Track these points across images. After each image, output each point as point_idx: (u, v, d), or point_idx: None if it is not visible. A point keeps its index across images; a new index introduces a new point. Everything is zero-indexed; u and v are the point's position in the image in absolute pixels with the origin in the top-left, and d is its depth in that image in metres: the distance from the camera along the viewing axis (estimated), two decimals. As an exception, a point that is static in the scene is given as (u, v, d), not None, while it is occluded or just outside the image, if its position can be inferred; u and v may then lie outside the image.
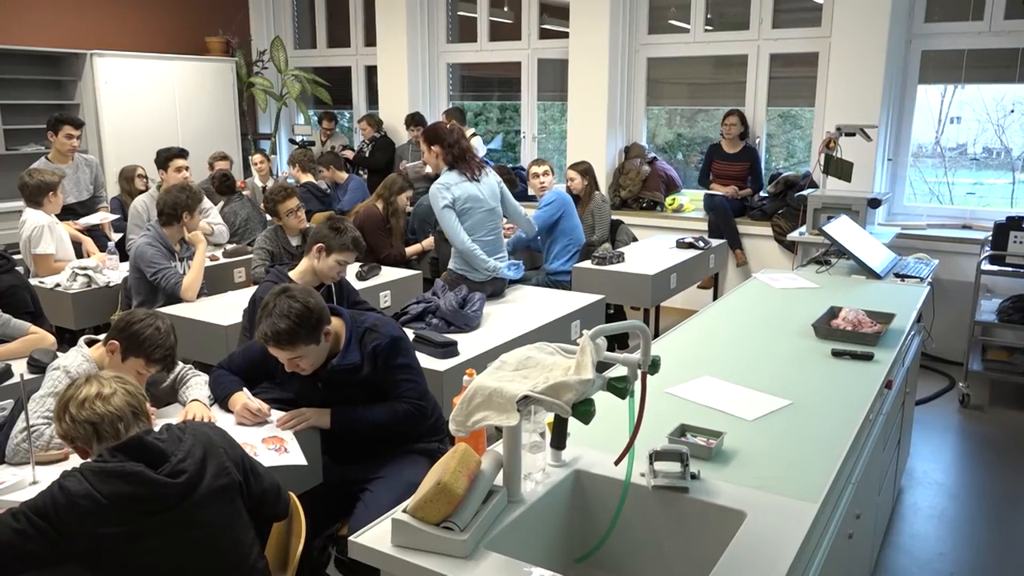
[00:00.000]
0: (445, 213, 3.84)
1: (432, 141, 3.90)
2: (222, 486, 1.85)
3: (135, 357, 2.42)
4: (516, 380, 1.59)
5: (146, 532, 1.73)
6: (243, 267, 4.74)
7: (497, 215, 4.06)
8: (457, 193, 3.85)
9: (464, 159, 3.91)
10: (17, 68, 6.81)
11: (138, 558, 1.74)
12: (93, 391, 1.82)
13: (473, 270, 3.93)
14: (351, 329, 2.53)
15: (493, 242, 4.02)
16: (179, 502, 1.76)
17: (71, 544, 1.68)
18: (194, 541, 1.79)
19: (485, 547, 1.54)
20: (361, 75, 8.56)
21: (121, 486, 1.70)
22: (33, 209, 4.46)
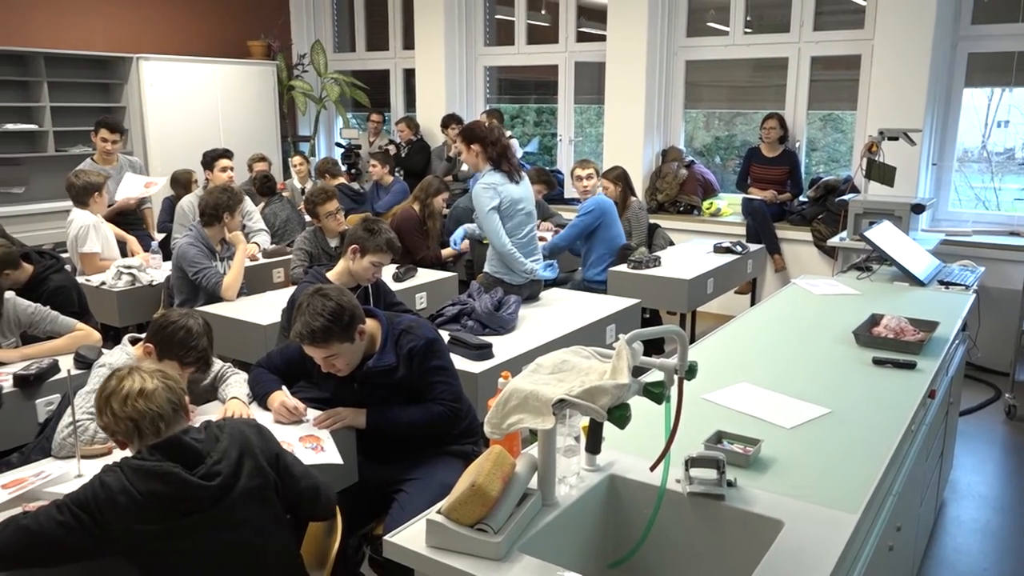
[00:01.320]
0: (491, 215, 3.83)
1: (471, 140, 3.87)
2: (257, 486, 1.86)
3: (169, 359, 2.46)
4: (552, 383, 1.59)
5: (181, 531, 1.76)
6: (282, 267, 4.80)
7: (534, 218, 4.07)
8: (503, 194, 3.85)
9: (506, 157, 3.90)
10: (67, 71, 7.00)
11: (175, 555, 1.77)
12: (136, 387, 1.84)
13: (510, 272, 3.93)
14: (387, 330, 2.55)
15: (529, 244, 4.02)
16: (213, 504, 1.78)
17: (110, 538, 1.72)
18: (229, 541, 1.81)
19: (519, 550, 1.54)
20: (399, 78, 8.63)
21: (157, 486, 1.73)
22: (80, 209, 4.57)
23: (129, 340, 2.64)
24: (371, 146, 8.04)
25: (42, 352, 3.05)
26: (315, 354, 2.42)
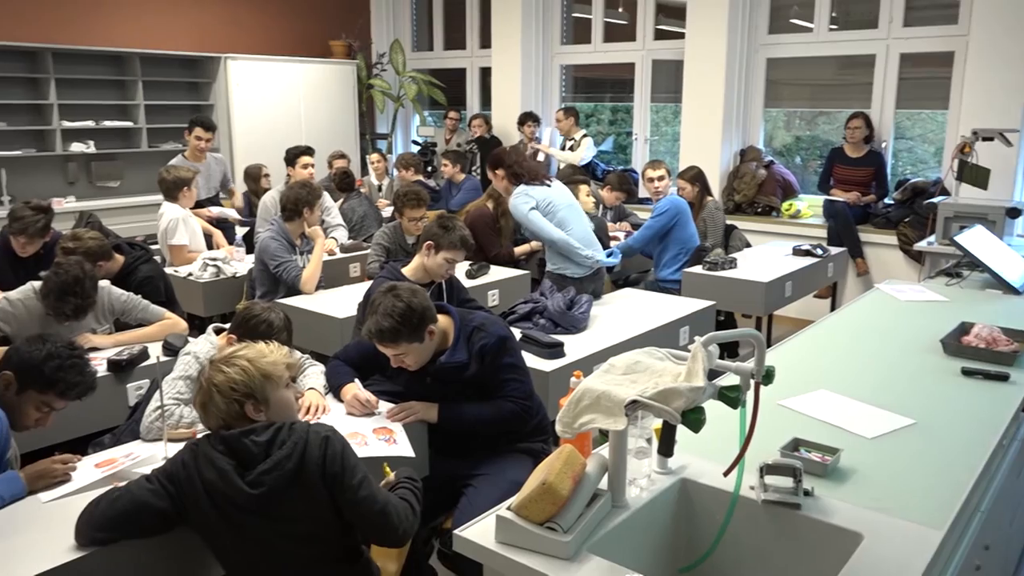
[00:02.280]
0: (532, 215, 3.89)
1: (496, 166, 4.03)
2: (306, 501, 1.84)
3: None
4: (624, 384, 1.58)
5: (231, 523, 1.82)
6: (358, 262, 4.90)
7: (578, 211, 4.10)
8: (537, 195, 3.93)
9: (528, 174, 4.00)
10: (160, 71, 7.30)
11: (229, 541, 1.86)
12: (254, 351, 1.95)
13: (571, 265, 3.95)
14: (459, 327, 2.57)
15: (586, 236, 4.04)
16: (255, 510, 1.81)
17: (186, 511, 1.82)
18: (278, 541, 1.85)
19: (588, 550, 1.54)
20: (475, 77, 8.70)
21: (214, 477, 1.81)
22: (169, 203, 4.76)
23: (214, 330, 2.74)
24: (448, 144, 8.13)
25: (133, 339, 3.20)
26: (385, 351, 2.47)
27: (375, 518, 1.86)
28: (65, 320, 3.04)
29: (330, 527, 1.89)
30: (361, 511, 1.86)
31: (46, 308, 3.03)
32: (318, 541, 1.90)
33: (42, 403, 2.17)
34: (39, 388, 2.15)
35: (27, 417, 2.17)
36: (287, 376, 1.99)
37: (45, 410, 2.19)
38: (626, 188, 5.99)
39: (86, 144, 6.84)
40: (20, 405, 2.15)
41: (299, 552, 1.88)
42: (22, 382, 2.14)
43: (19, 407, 2.15)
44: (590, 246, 4.01)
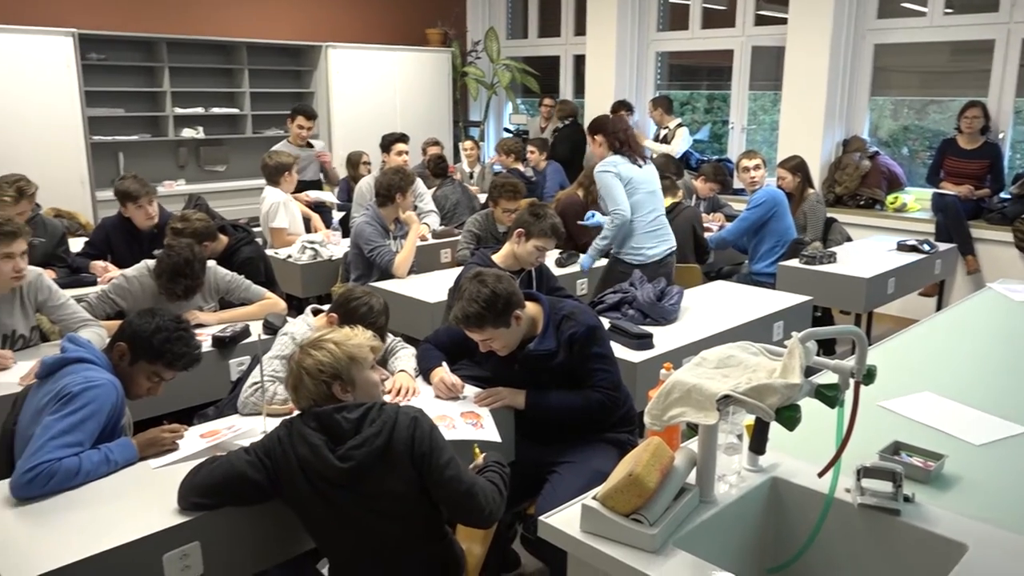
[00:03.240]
0: (614, 182, 3.95)
1: (595, 131, 4.08)
2: (394, 479, 1.89)
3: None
4: (716, 378, 1.55)
5: (322, 497, 1.88)
6: (450, 248, 4.97)
7: (658, 201, 4.10)
8: (623, 170, 3.98)
9: (629, 145, 4.04)
10: (264, 60, 7.57)
11: (322, 517, 1.91)
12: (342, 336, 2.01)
13: (633, 252, 3.98)
14: (548, 315, 2.57)
15: (653, 224, 4.04)
16: (345, 484, 1.87)
17: (280, 485, 1.89)
18: (370, 515, 1.90)
19: (673, 544, 1.52)
20: (569, 64, 8.65)
21: (306, 452, 1.87)
22: (271, 187, 4.94)
23: (311, 311, 2.83)
24: (543, 131, 8.12)
25: (235, 317, 3.34)
26: (472, 336, 2.50)
27: (461, 498, 1.90)
28: (176, 299, 3.20)
29: (417, 506, 1.94)
30: (448, 491, 1.90)
31: (159, 287, 3.20)
32: (405, 519, 1.94)
33: (152, 373, 2.30)
34: (149, 359, 2.27)
35: (139, 386, 2.30)
36: (372, 358, 2.05)
37: (155, 380, 2.32)
38: (721, 179, 5.85)
39: (196, 130, 7.17)
40: (133, 375, 2.28)
41: (386, 529, 1.93)
42: (134, 353, 2.27)
43: (132, 377, 2.28)
44: (659, 236, 4.05)
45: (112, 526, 1.82)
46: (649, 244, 4.03)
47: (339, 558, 1.98)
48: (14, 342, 2.97)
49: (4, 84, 5.75)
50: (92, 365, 2.18)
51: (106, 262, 4.02)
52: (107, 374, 2.18)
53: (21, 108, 5.83)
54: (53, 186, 5.46)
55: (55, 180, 5.68)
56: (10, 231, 2.80)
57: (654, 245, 4.05)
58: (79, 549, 1.72)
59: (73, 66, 6.04)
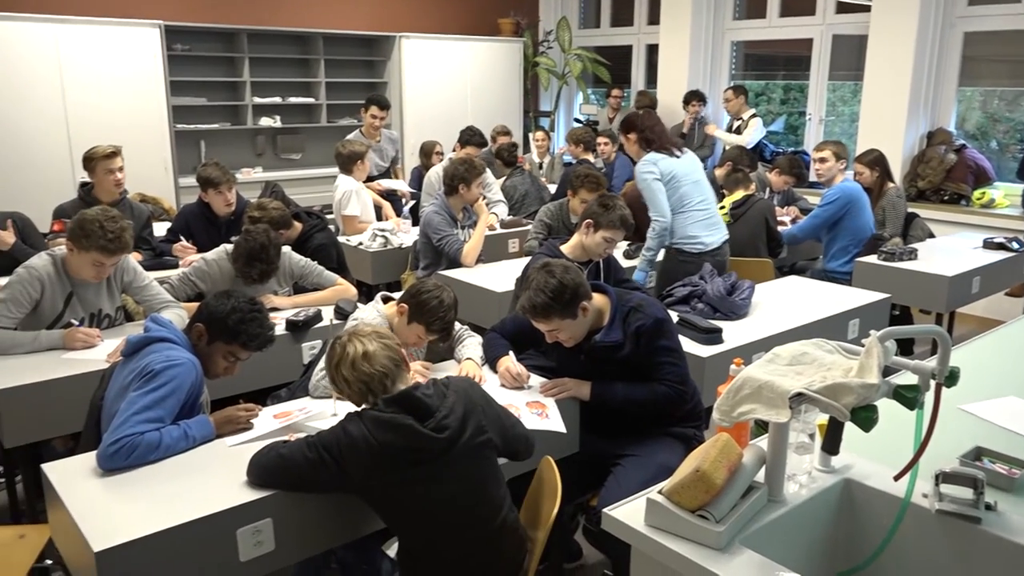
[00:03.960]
0: (654, 185, 3.91)
1: (628, 129, 4.07)
2: (479, 443, 1.98)
3: (418, 323, 2.65)
4: (789, 375, 1.52)
5: (410, 479, 1.91)
6: (517, 238, 4.98)
7: (705, 189, 4.06)
8: (663, 167, 3.93)
9: (660, 140, 4.01)
10: (340, 50, 7.70)
11: (402, 500, 1.94)
12: (359, 350, 2.01)
13: (690, 242, 3.95)
14: (616, 307, 2.56)
15: (705, 212, 4.00)
16: (440, 455, 1.92)
17: (349, 478, 1.91)
18: (452, 491, 1.94)
19: (740, 542, 1.50)
20: (642, 54, 8.54)
21: (392, 436, 1.89)
22: (344, 175, 5.04)
23: (382, 298, 2.88)
24: (611, 122, 8.05)
25: (308, 302, 3.42)
26: (539, 326, 2.50)
27: (523, 441, 2.16)
28: (252, 282, 3.30)
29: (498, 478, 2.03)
30: (517, 433, 2.15)
31: (236, 271, 3.31)
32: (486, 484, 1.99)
33: (228, 353, 2.37)
34: (225, 339, 2.35)
35: (217, 366, 2.38)
36: None
37: (231, 359, 2.39)
38: (796, 172, 5.69)
39: (273, 119, 7.36)
40: (211, 355, 2.36)
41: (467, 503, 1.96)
42: (211, 334, 2.35)
43: (210, 356, 2.36)
44: (712, 226, 4.00)
45: (190, 500, 1.89)
46: (705, 233, 3.97)
47: (413, 540, 2.01)
48: (100, 321, 3.11)
49: (95, 75, 6.01)
50: (174, 345, 2.26)
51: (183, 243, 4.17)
52: (187, 354, 2.26)
53: (111, 98, 6.08)
54: (139, 172, 5.68)
55: (141, 166, 5.92)
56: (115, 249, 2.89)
57: (710, 234, 3.99)
58: (160, 520, 1.80)
59: (159, 57, 6.27)
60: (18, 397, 2.57)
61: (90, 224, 2.85)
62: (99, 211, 2.93)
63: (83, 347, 2.88)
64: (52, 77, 5.84)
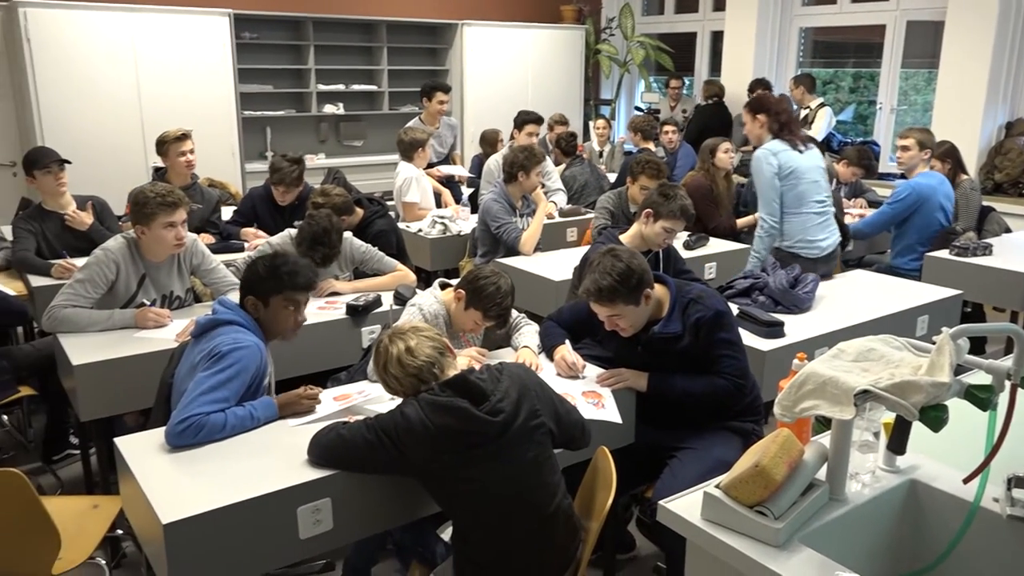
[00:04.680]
0: (766, 181, 3.73)
1: (757, 110, 3.83)
2: (533, 427, 1.99)
3: (475, 309, 2.66)
4: (854, 372, 1.48)
5: (465, 462, 1.93)
6: (576, 227, 4.96)
7: (824, 188, 3.84)
8: (783, 160, 3.72)
9: (790, 128, 3.78)
10: (403, 38, 7.77)
11: (457, 483, 1.95)
12: (402, 347, 2.03)
13: (807, 245, 3.74)
14: (675, 298, 2.53)
15: (822, 214, 3.79)
16: (496, 439, 1.93)
17: (406, 460, 1.94)
18: (505, 476, 1.95)
19: (799, 540, 1.47)
20: (706, 41, 8.39)
21: (448, 419, 1.91)
22: (405, 162, 5.08)
23: (440, 284, 2.90)
24: (672, 111, 7.94)
25: (368, 287, 3.47)
26: (600, 311, 2.48)
27: (578, 428, 2.17)
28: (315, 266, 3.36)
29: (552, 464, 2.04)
30: (572, 420, 2.16)
31: (299, 254, 3.37)
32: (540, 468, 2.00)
33: (285, 303, 2.41)
34: (274, 290, 2.39)
35: (283, 322, 2.42)
36: None
37: (291, 308, 2.42)
38: (865, 163, 5.52)
39: (336, 106, 7.47)
40: (273, 315, 2.40)
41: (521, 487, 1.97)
42: (261, 295, 2.39)
43: (274, 317, 2.40)
44: (826, 228, 3.80)
45: (254, 477, 1.95)
46: (821, 236, 3.78)
47: (467, 523, 2.03)
48: (171, 302, 3.22)
49: (168, 63, 6.19)
50: (240, 328, 2.32)
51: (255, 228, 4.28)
52: (253, 336, 2.32)
53: (182, 85, 6.26)
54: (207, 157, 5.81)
55: (210, 152, 6.06)
56: (173, 201, 3.02)
57: (826, 236, 3.80)
58: (224, 496, 1.86)
59: (228, 44, 6.42)
60: (93, 373, 2.68)
61: (140, 195, 2.99)
62: (147, 185, 3.08)
63: (154, 327, 2.98)
64: (127, 66, 6.04)
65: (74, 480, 3.38)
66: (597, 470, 2.23)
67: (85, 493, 3.08)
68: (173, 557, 1.78)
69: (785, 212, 3.78)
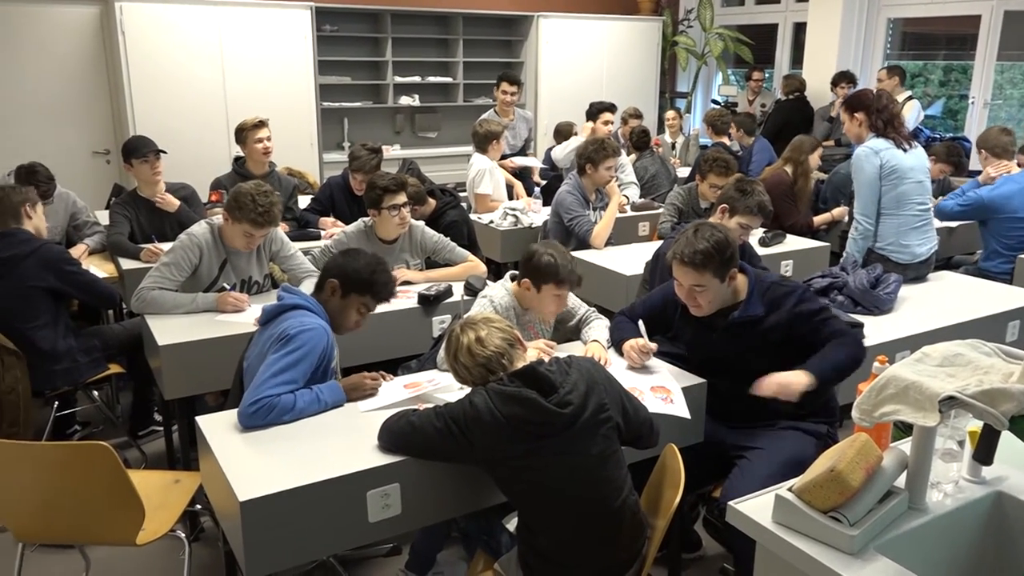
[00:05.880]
0: (866, 182, 3.57)
1: (856, 107, 3.63)
2: (601, 420, 1.98)
3: (546, 286, 2.66)
4: (940, 377, 1.43)
5: (532, 453, 1.93)
6: (647, 222, 4.90)
7: (928, 190, 3.67)
8: (886, 159, 3.54)
9: (893, 126, 3.59)
10: (478, 30, 7.80)
11: (524, 473, 1.96)
12: (472, 337, 2.05)
13: (900, 249, 3.59)
14: (754, 284, 2.48)
15: (922, 218, 3.63)
16: (563, 430, 1.93)
17: (473, 449, 1.96)
18: (571, 468, 1.95)
19: (875, 548, 1.43)
20: (788, 32, 8.16)
21: (517, 409, 1.92)
22: (479, 154, 5.12)
23: (510, 277, 2.91)
24: (751, 105, 7.76)
25: (439, 277, 3.51)
26: (685, 279, 2.39)
27: (647, 425, 2.16)
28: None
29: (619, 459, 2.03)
30: (641, 417, 2.14)
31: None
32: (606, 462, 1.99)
33: (362, 305, 2.49)
34: (359, 291, 2.46)
35: (349, 320, 2.49)
36: None
37: (363, 311, 2.50)
38: (954, 160, 5.29)
39: (412, 98, 7.56)
40: (344, 309, 2.47)
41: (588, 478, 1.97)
42: (346, 287, 2.46)
43: (343, 311, 2.47)
44: (925, 232, 3.65)
45: (326, 460, 2.00)
46: (918, 241, 3.62)
47: (533, 514, 2.03)
48: (250, 287, 3.32)
49: (251, 55, 6.37)
50: (306, 311, 2.39)
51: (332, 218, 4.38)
52: (319, 319, 2.38)
53: (265, 77, 6.44)
54: (287, 146, 6.00)
55: (289, 141, 6.24)
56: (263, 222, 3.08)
57: (922, 242, 3.64)
58: (299, 476, 1.91)
59: (309, 37, 6.57)
60: (177, 353, 2.80)
61: (244, 197, 3.04)
62: (253, 185, 3.12)
63: (233, 311, 3.08)
64: (214, 58, 6.25)
65: (157, 455, 3.54)
66: (665, 468, 2.21)
67: (167, 468, 3.21)
68: (248, 533, 1.84)
69: (882, 212, 3.62)
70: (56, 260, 3.23)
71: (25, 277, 3.16)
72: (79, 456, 2.14)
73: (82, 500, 2.17)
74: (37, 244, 3.23)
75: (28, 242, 3.21)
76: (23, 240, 3.21)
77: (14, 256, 3.16)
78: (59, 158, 4.37)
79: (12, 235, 3.21)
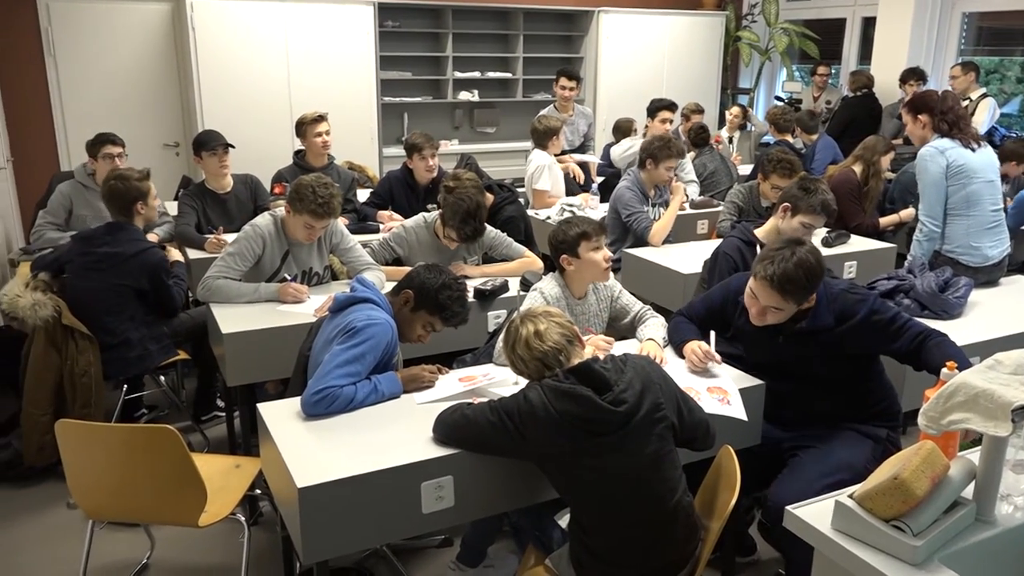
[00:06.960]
0: (931, 181, 3.46)
1: (919, 110, 3.53)
2: (655, 420, 1.97)
3: (576, 247, 2.70)
4: (1013, 385, 1.37)
5: (586, 450, 1.93)
6: (707, 219, 4.84)
7: (997, 190, 3.54)
8: (952, 158, 3.42)
9: (959, 127, 3.46)
10: (539, 25, 7.79)
11: (576, 470, 1.96)
12: (531, 329, 2.05)
13: (969, 252, 3.47)
14: (823, 292, 2.42)
15: (993, 219, 3.50)
16: (617, 429, 1.92)
17: (527, 444, 1.96)
18: (625, 466, 1.94)
19: (940, 560, 1.39)
20: (856, 27, 7.94)
21: (571, 405, 1.92)
22: (538, 150, 5.11)
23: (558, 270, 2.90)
24: (816, 101, 7.58)
25: (496, 272, 3.53)
26: (764, 298, 2.33)
27: (703, 427, 2.13)
28: (463, 241, 3.43)
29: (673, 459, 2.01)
30: (696, 419, 2.12)
31: (447, 230, 3.43)
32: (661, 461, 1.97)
33: (428, 323, 2.51)
34: (430, 310, 2.49)
35: (412, 331, 2.52)
36: None
37: (428, 329, 2.53)
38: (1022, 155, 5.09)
39: (471, 93, 7.60)
40: (411, 321, 2.50)
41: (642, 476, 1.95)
42: (418, 302, 2.49)
43: (410, 322, 2.50)
44: (996, 235, 3.52)
45: (383, 450, 2.03)
46: (989, 243, 3.50)
47: (585, 512, 2.03)
48: (310, 278, 3.39)
49: (315, 51, 6.49)
50: (375, 306, 2.42)
51: (390, 211, 4.44)
52: (386, 315, 2.42)
53: (328, 73, 6.55)
54: (347, 140, 6.09)
55: (349, 135, 6.33)
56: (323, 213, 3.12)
57: (994, 244, 3.52)
58: (355, 465, 1.95)
59: (372, 33, 6.66)
60: (240, 342, 2.87)
61: (304, 189, 3.10)
62: (314, 178, 3.18)
63: (293, 301, 3.14)
64: (279, 54, 6.38)
65: (219, 440, 3.64)
66: (720, 469, 2.18)
67: (228, 453, 3.30)
68: (305, 519, 1.88)
69: (950, 213, 3.50)
70: (156, 267, 3.36)
71: (123, 275, 3.29)
72: (147, 438, 2.22)
73: (148, 481, 2.25)
74: (143, 247, 3.35)
75: (135, 243, 3.34)
76: (132, 239, 3.34)
77: (120, 253, 3.29)
78: (131, 150, 4.51)
79: (123, 230, 3.34)
